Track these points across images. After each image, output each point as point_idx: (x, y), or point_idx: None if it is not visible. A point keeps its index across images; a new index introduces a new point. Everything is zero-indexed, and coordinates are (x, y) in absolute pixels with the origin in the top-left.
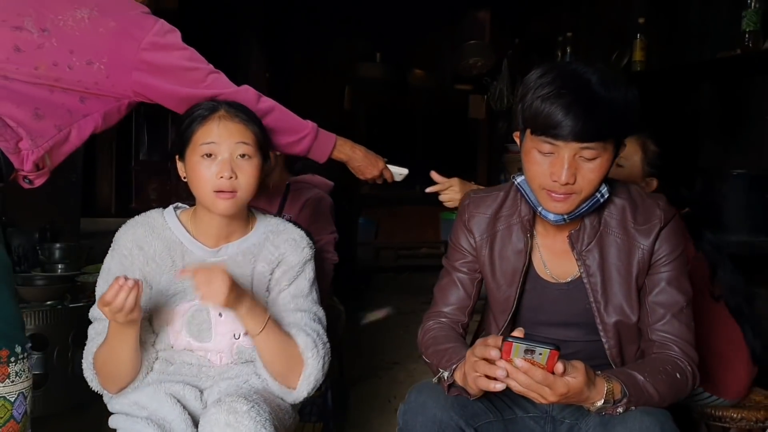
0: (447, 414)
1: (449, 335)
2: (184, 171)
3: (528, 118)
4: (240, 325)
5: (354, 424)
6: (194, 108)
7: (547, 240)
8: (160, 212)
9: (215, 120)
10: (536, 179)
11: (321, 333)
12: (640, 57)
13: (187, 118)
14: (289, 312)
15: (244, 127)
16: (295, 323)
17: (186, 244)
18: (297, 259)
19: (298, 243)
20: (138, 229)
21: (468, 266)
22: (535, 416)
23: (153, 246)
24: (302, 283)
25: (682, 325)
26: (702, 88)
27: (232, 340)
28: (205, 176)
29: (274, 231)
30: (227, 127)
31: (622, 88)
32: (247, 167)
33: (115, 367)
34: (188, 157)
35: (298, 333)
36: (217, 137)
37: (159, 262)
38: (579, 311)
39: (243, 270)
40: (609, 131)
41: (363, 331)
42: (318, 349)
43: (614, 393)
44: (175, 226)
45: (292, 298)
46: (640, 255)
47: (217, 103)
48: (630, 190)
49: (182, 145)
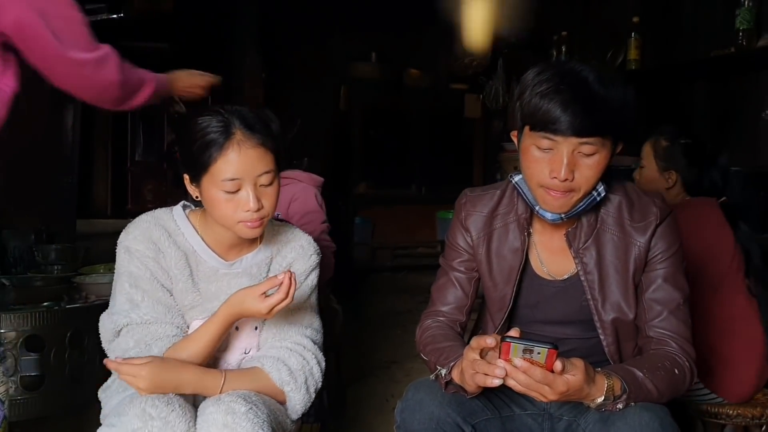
0: (444, 411)
1: (447, 334)
2: (197, 192)
3: (526, 115)
4: (252, 341)
5: (351, 423)
6: (204, 126)
7: (544, 238)
8: (169, 213)
9: (235, 148)
10: (534, 177)
11: (307, 349)
12: (635, 56)
13: (198, 138)
14: (281, 326)
15: (264, 150)
16: (273, 354)
17: (200, 252)
18: (304, 266)
19: (306, 250)
20: (153, 231)
21: (465, 265)
22: (532, 413)
23: (171, 252)
24: (303, 290)
25: (679, 322)
26: (696, 87)
27: (242, 355)
28: (229, 209)
29: (283, 240)
30: (249, 156)
31: (618, 85)
32: (270, 192)
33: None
34: (205, 185)
35: (273, 367)
36: (240, 172)
37: (176, 272)
38: (576, 309)
39: (255, 281)
40: (607, 126)
41: (360, 330)
42: (296, 377)
43: (614, 389)
44: (189, 233)
45: (289, 309)
46: (637, 252)
47: (228, 118)
48: (626, 188)
49: (196, 170)
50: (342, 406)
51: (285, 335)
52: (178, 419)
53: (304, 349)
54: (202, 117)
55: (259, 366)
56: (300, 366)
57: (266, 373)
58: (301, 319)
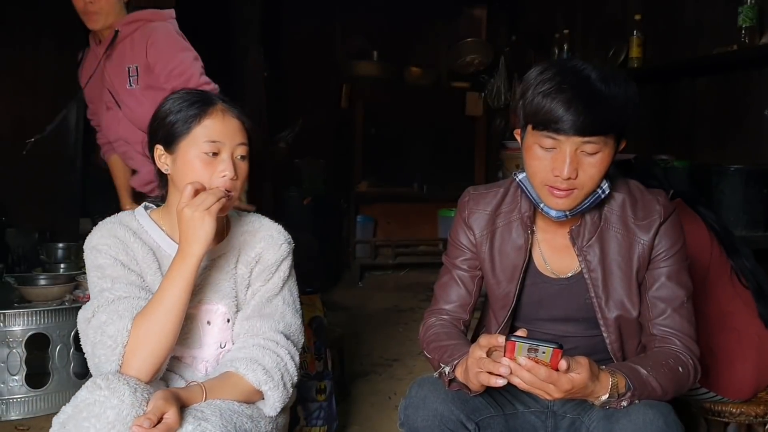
0: (448, 408)
1: (451, 332)
2: (169, 163)
3: (529, 114)
4: (226, 334)
5: (354, 420)
6: (186, 96)
7: (548, 235)
8: (131, 215)
9: (218, 114)
10: (538, 175)
11: (280, 345)
12: (637, 53)
13: (177, 106)
14: (252, 320)
15: (241, 124)
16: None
17: (165, 248)
18: (274, 257)
19: (275, 240)
20: (117, 230)
21: (468, 263)
22: (536, 411)
23: (137, 247)
24: (275, 282)
25: (683, 320)
26: (698, 84)
27: (218, 349)
28: (205, 174)
29: (251, 230)
30: (231, 124)
31: (621, 83)
32: (243, 167)
33: (165, 333)
34: (182, 149)
35: (248, 369)
36: (222, 135)
37: (143, 267)
38: (579, 306)
39: (225, 274)
40: (610, 125)
41: (362, 328)
42: (272, 375)
43: (618, 387)
44: (152, 229)
45: (258, 301)
46: (641, 250)
47: (208, 93)
48: (630, 186)
49: (172, 136)
50: (345, 404)
51: (257, 331)
52: (127, 390)
53: (277, 345)
54: (182, 92)
55: (233, 370)
56: (275, 363)
57: (241, 376)
58: (273, 313)
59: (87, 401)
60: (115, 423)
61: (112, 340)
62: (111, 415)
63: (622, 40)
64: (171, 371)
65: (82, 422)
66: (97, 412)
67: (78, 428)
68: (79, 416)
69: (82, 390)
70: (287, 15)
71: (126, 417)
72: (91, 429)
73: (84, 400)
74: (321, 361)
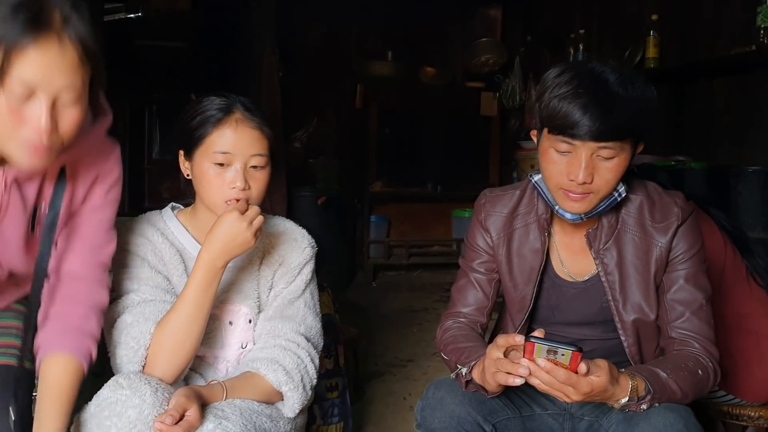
0: (465, 409)
1: (469, 335)
2: (189, 169)
3: (545, 118)
4: (248, 335)
5: (369, 421)
6: (205, 102)
7: (565, 238)
8: (158, 215)
9: (231, 124)
10: (553, 179)
11: (301, 347)
12: (654, 54)
13: (198, 113)
14: (274, 321)
15: (259, 133)
16: (266, 355)
17: (190, 249)
18: (297, 260)
19: (299, 243)
20: (147, 229)
21: (485, 266)
22: (553, 413)
23: (164, 248)
24: (297, 285)
25: (701, 322)
26: (716, 85)
27: (239, 350)
28: (216, 184)
29: (275, 233)
30: (243, 134)
31: (640, 87)
32: (259, 177)
33: (188, 338)
34: (197, 158)
35: (269, 369)
36: (233, 147)
37: (170, 269)
38: (596, 310)
39: (248, 275)
40: (627, 131)
41: (376, 329)
42: (292, 377)
43: (638, 390)
44: (178, 230)
45: (280, 303)
46: (658, 253)
47: (230, 99)
48: (647, 188)
49: (190, 143)
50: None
51: (278, 332)
52: (148, 389)
53: (297, 347)
54: (206, 96)
55: (254, 370)
56: (295, 365)
57: (262, 376)
58: (295, 315)
59: (109, 400)
60: (137, 422)
61: (135, 342)
62: (132, 414)
63: (639, 40)
64: (192, 370)
65: (104, 421)
66: (119, 411)
67: (100, 427)
68: (101, 414)
69: (104, 389)
70: (302, 16)
71: (147, 416)
72: (113, 428)
73: (106, 399)
74: (331, 359)
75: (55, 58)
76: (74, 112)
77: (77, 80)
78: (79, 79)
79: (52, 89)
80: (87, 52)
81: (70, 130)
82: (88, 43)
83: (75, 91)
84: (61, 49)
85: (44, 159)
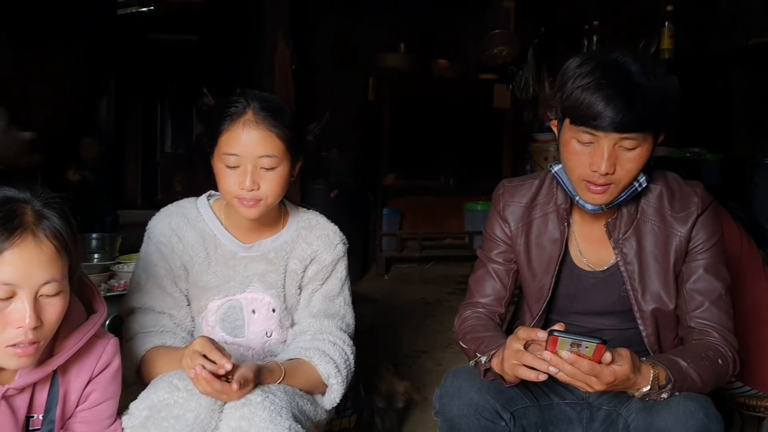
0: (483, 397)
1: (487, 324)
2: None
3: (567, 108)
4: (271, 324)
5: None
6: (224, 105)
7: (584, 228)
8: (194, 202)
9: (240, 126)
10: (575, 170)
11: (346, 343)
12: (668, 45)
13: (219, 110)
14: (320, 319)
15: (269, 134)
16: (318, 346)
17: (219, 236)
18: (330, 257)
19: (331, 239)
20: (173, 218)
21: (503, 257)
22: (571, 402)
23: (188, 236)
24: (334, 283)
25: (721, 312)
26: (733, 77)
27: (264, 338)
28: (227, 183)
29: (307, 227)
30: (252, 137)
31: (662, 77)
32: (270, 177)
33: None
34: (214, 157)
35: (321, 360)
36: (240, 149)
37: (192, 255)
38: (615, 299)
39: (275, 267)
40: (649, 121)
41: (390, 321)
42: (341, 370)
43: (659, 379)
44: (209, 218)
45: (323, 301)
46: (678, 242)
47: (247, 100)
48: (667, 178)
49: (210, 144)
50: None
51: (325, 329)
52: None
53: (344, 343)
54: (227, 97)
55: (307, 358)
56: (343, 360)
57: (314, 366)
58: (337, 312)
59: (166, 402)
60: (194, 427)
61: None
62: (190, 418)
63: (654, 31)
64: None
65: (161, 422)
66: (177, 414)
67: (158, 428)
68: (158, 416)
69: (157, 390)
70: (315, 9)
71: (203, 421)
72: (170, 429)
73: (163, 401)
74: None
75: (32, 255)
76: (57, 302)
77: (56, 273)
78: (58, 271)
79: (32, 286)
80: (63, 244)
81: (54, 321)
82: (63, 235)
83: (56, 284)
84: (37, 246)
85: (31, 357)
